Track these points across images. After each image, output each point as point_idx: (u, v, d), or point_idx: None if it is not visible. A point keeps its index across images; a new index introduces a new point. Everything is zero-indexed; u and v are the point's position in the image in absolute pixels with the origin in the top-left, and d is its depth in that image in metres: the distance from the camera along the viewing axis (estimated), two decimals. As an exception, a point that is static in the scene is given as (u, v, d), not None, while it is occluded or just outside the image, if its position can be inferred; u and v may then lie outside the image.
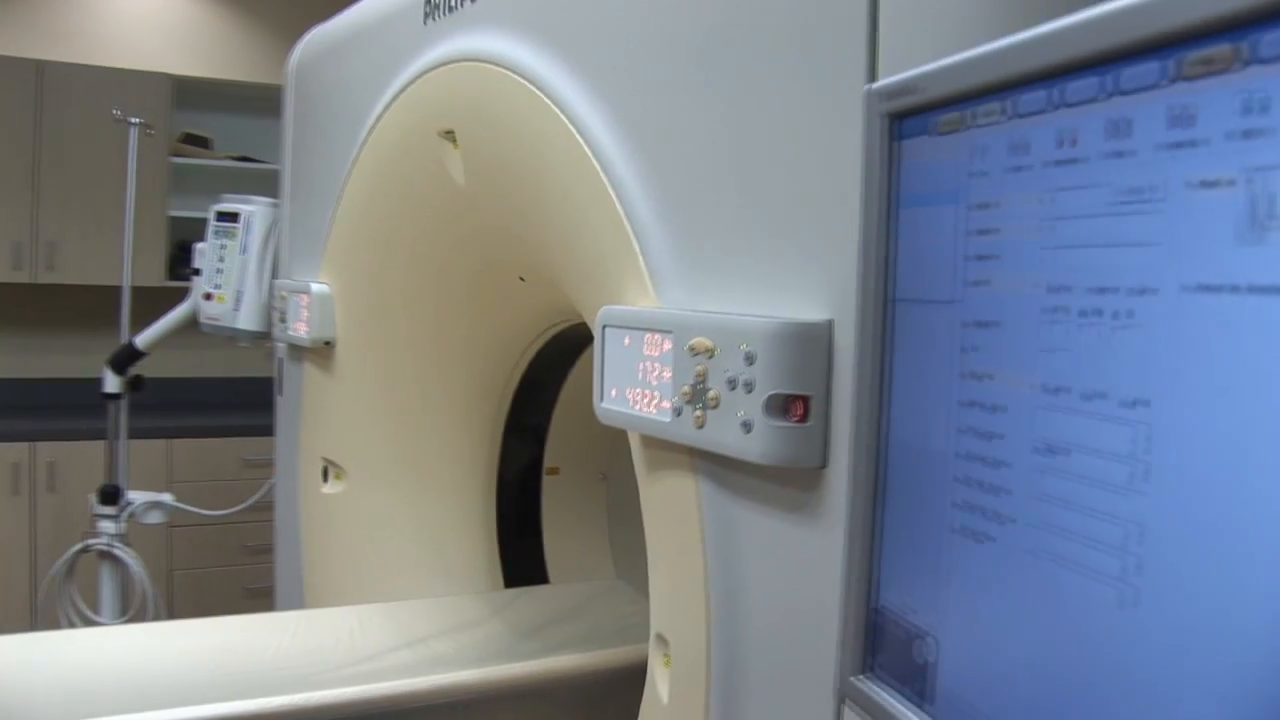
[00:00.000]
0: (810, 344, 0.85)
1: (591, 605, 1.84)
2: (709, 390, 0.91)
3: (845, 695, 0.65)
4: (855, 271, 0.83)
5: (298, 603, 2.21)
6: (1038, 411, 0.50)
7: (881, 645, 0.62)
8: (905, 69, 0.81)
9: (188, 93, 4.13)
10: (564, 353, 1.99)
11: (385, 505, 2.01)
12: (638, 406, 1.01)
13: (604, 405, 1.07)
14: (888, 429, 0.61)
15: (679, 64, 1.04)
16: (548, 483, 2.12)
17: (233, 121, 4.38)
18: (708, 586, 0.97)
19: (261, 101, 4.43)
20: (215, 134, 4.28)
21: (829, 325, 0.85)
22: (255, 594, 3.93)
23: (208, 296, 2.49)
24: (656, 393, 0.98)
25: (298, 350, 2.18)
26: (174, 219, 4.01)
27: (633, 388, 1.01)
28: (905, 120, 0.59)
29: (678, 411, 0.95)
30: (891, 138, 0.60)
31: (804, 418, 0.85)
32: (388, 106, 1.72)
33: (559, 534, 2.12)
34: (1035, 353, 0.50)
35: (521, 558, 2.08)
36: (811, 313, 0.87)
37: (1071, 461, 0.49)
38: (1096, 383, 0.48)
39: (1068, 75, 0.47)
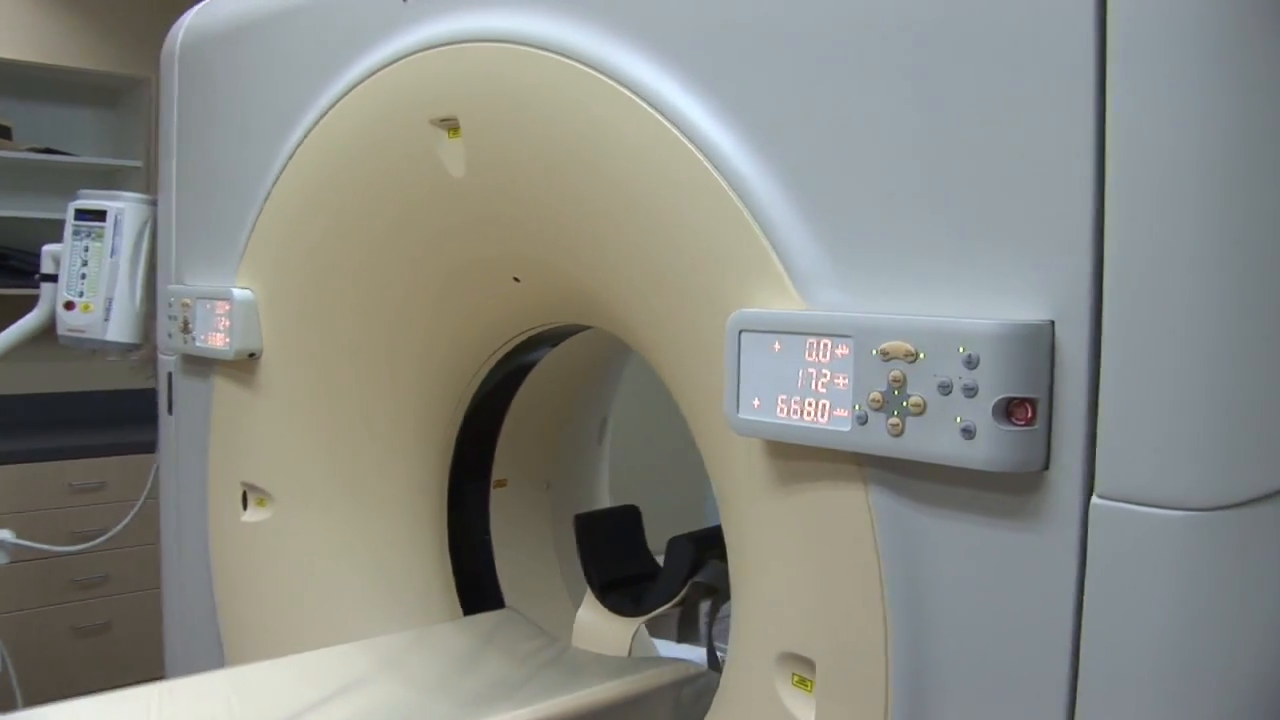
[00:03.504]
0: (1036, 345, 0.82)
1: (490, 645, 1.71)
2: (909, 396, 0.85)
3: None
4: (1086, 272, 0.81)
5: (204, 649, 1.99)
6: None
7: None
8: (1139, 59, 0.79)
9: (-20, 76, 3.67)
10: (520, 357, 1.87)
11: (324, 531, 1.83)
12: (797, 416, 0.94)
13: (743, 417, 0.99)
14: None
15: (832, 52, 0.98)
16: (495, 496, 2.00)
17: (31, 110, 3.93)
18: (885, 601, 0.92)
19: (67, 89, 4.00)
20: (13, 123, 3.82)
21: (1051, 326, 0.83)
22: (87, 633, 3.55)
23: (69, 305, 2.21)
24: (826, 401, 0.91)
25: (200, 364, 1.96)
26: (-33, 219, 3.57)
27: (789, 397, 0.94)
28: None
29: (862, 420, 0.89)
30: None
31: (1031, 420, 0.82)
32: (345, 93, 1.56)
33: (509, 548, 2.01)
34: None
35: (474, 576, 1.95)
36: (1025, 313, 0.84)
37: None
38: None
39: None
